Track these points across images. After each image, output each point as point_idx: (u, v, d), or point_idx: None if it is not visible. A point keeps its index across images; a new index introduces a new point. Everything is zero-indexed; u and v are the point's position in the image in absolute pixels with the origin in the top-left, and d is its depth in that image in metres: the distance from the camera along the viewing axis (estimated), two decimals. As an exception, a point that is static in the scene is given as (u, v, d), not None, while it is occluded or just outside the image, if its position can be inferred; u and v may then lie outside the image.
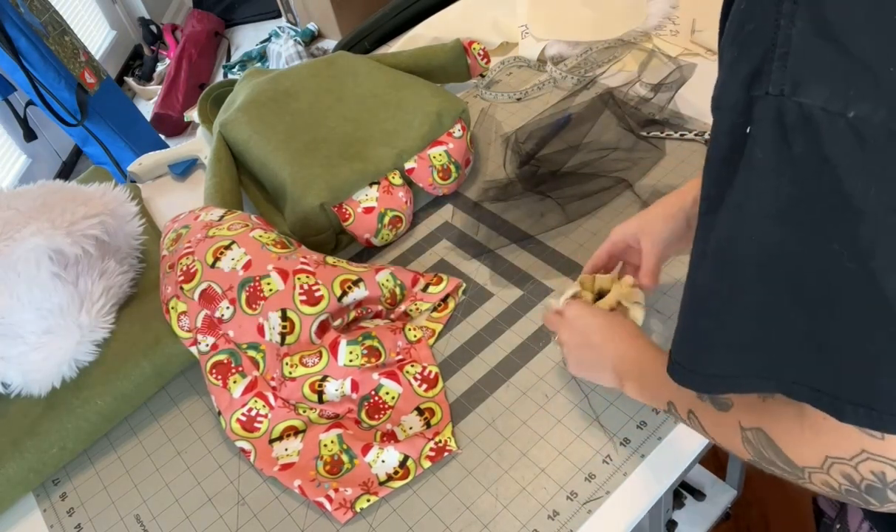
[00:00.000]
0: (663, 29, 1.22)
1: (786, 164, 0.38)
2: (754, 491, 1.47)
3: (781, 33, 0.37)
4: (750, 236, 0.41)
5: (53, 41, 1.73)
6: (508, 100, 1.18)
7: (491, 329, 0.85)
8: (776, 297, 0.41)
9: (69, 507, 0.78)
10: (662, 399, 0.60)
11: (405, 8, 1.46)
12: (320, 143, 0.98)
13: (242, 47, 3.29)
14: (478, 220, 0.98)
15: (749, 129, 0.39)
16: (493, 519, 0.68)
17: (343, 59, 1.12)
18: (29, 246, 0.78)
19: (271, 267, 0.81)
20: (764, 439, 0.48)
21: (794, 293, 0.40)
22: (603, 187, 0.96)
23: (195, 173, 1.23)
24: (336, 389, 0.79)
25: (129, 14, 3.43)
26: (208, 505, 0.75)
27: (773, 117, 0.38)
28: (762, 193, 0.39)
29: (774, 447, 0.47)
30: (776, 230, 0.39)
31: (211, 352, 0.80)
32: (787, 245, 0.39)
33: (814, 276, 0.39)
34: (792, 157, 0.38)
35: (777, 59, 0.37)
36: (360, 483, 0.72)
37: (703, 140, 1.00)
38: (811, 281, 0.39)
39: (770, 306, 0.41)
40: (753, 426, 0.49)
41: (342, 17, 2.96)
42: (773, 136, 0.38)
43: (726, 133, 0.40)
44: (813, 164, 0.37)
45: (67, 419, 0.78)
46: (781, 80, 0.37)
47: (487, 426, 0.76)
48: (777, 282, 0.40)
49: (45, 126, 2.46)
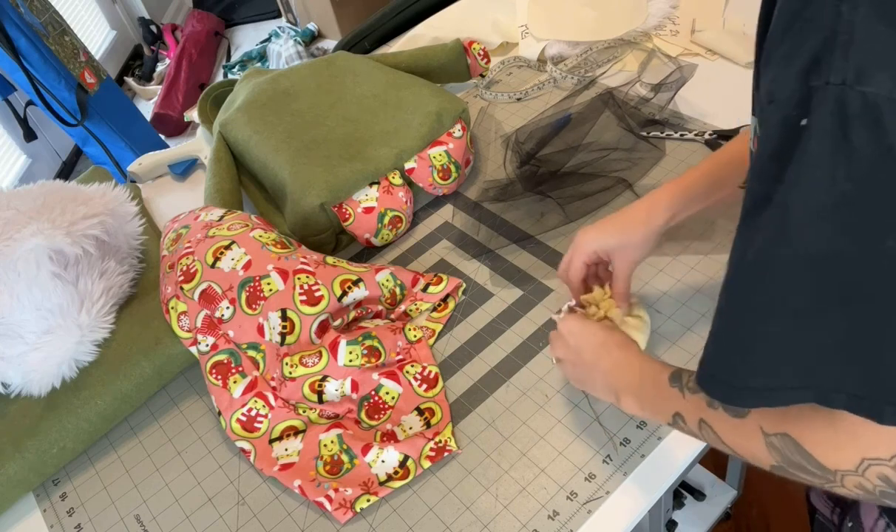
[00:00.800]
0: (663, 29, 1.22)
1: (843, 156, 0.37)
2: (754, 491, 1.47)
3: (843, 20, 0.36)
4: (798, 235, 0.39)
5: (53, 41, 1.73)
6: (508, 100, 1.18)
7: (491, 329, 0.85)
8: (821, 300, 0.39)
9: (69, 507, 0.78)
10: (666, 412, 0.59)
11: (405, 8, 1.46)
12: (320, 143, 0.98)
13: (242, 47, 3.29)
14: (478, 220, 0.98)
15: (804, 122, 0.38)
16: (493, 519, 0.68)
17: (343, 59, 1.12)
18: (29, 246, 0.78)
19: (271, 267, 0.81)
20: (792, 445, 0.46)
21: (841, 294, 0.39)
22: (603, 187, 0.96)
23: (195, 173, 1.23)
24: (336, 389, 0.79)
25: (129, 14, 3.43)
26: (208, 505, 0.75)
27: (832, 108, 0.36)
28: (814, 189, 0.38)
29: (803, 452, 0.46)
30: (826, 228, 0.38)
31: (211, 352, 0.80)
32: (837, 243, 0.38)
33: (863, 275, 0.38)
34: (851, 149, 0.36)
35: (839, 47, 0.36)
36: (360, 483, 0.72)
37: (702, 140, 1.00)
38: (859, 281, 0.38)
39: (813, 311, 0.40)
40: (778, 432, 0.47)
41: (342, 17, 2.96)
42: (832, 128, 0.37)
43: (777, 127, 0.39)
44: (874, 156, 0.36)
45: (67, 419, 0.78)
46: (844, 69, 0.36)
47: (487, 426, 0.76)
48: (823, 284, 0.39)
49: (45, 126, 2.46)
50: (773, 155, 0.40)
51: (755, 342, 0.43)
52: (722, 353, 0.46)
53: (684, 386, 0.56)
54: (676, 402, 0.57)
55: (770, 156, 0.40)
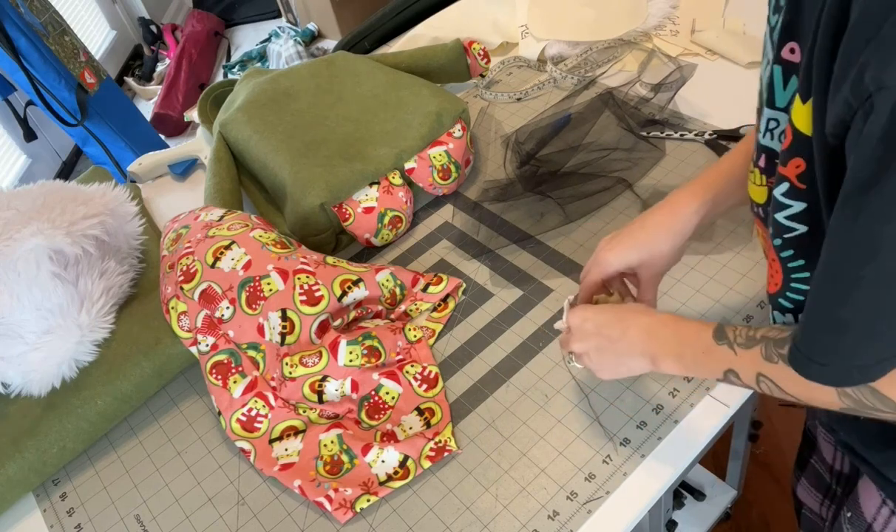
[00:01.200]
0: (663, 29, 1.22)
1: None
2: (754, 491, 1.47)
3: None
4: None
5: (53, 41, 1.73)
6: (508, 100, 1.18)
7: (491, 329, 0.85)
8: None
9: (69, 507, 0.78)
10: (716, 370, 0.59)
11: (405, 8, 1.46)
12: (320, 143, 0.98)
13: (242, 47, 3.29)
14: (478, 220, 0.98)
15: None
16: (493, 519, 0.68)
17: (343, 59, 1.12)
18: (29, 246, 0.78)
19: (271, 267, 0.81)
20: (867, 391, 0.49)
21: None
22: (603, 187, 0.96)
23: (195, 173, 1.23)
24: (336, 389, 0.79)
25: (129, 14, 3.44)
26: (208, 505, 0.75)
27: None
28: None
29: (881, 397, 0.49)
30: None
31: (211, 352, 0.80)
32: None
33: None
34: None
35: None
36: (360, 483, 0.72)
37: (703, 140, 1.00)
38: None
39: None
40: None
41: (342, 17, 2.96)
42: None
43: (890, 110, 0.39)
44: None
45: (67, 419, 0.78)
46: None
47: (487, 426, 0.76)
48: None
49: (45, 126, 2.46)
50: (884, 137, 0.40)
51: (866, 320, 0.45)
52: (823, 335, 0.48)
53: (733, 343, 0.57)
54: (728, 360, 0.57)
55: (880, 138, 0.40)
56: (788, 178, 0.50)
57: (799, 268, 0.56)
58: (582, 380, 0.77)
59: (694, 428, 0.71)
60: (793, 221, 0.53)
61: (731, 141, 0.98)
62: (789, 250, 0.55)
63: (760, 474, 1.51)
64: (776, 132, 0.53)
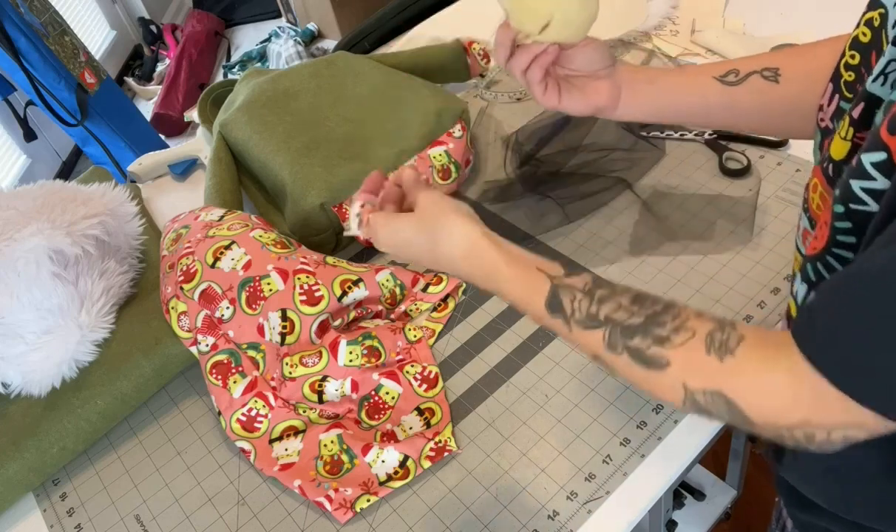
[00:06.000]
0: (663, 29, 1.22)
1: None
2: (754, 491, 1.47)
3: None
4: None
5: (53, 41, 1.73)
6: (508, 100, 1.18)
7: (491, 329, 0.85)
8: None
9: (69, 507, 0.78)
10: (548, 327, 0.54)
11: (405, 8, 1.46)
12: (320, 143, 0.98)
13: (242, 47, 3.30)
14: (478, 220, 0.98)
15: None
16: (493, 519, 0.68)
17: (343, 59, 1.12)
18: (29, 246, 0.78)
19: (271, 267, 0.81)
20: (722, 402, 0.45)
21: None
22: (603, 187, 0.96)
23: (195, 173, 1.23)
24: (336, 389, 0.79)
25: (129, 14, 3.44)
26: (208, 505, 0.75)
27: None
28: None
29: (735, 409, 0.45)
30: None
31: (211, 352, 0.80)
32: None
33: None
34: None
35: None
36: (360, 483, 0.72)
37: (702, 140, 1.00)
38: None
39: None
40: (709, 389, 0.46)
41: (342, 17, 2.96)
42: None
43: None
44: None
45: (67, 419, 0.78)
46: None
47: (487, 426, 0.76)
48: None
49: (45, 126, 2.46)
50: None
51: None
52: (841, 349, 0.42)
53: (570, 318, 0.51)
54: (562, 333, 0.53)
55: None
56: (890, 149, 0.40)
57: (848, 245, 0.47)
58: (582, 380, 0.77)
59: (694, 428, 0.71)
60: (868, 195, 0.43)
61: (730, 141, 0.98)
62: (847, 222, 0.46)
63: (760, 474, 1.51)
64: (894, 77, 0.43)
